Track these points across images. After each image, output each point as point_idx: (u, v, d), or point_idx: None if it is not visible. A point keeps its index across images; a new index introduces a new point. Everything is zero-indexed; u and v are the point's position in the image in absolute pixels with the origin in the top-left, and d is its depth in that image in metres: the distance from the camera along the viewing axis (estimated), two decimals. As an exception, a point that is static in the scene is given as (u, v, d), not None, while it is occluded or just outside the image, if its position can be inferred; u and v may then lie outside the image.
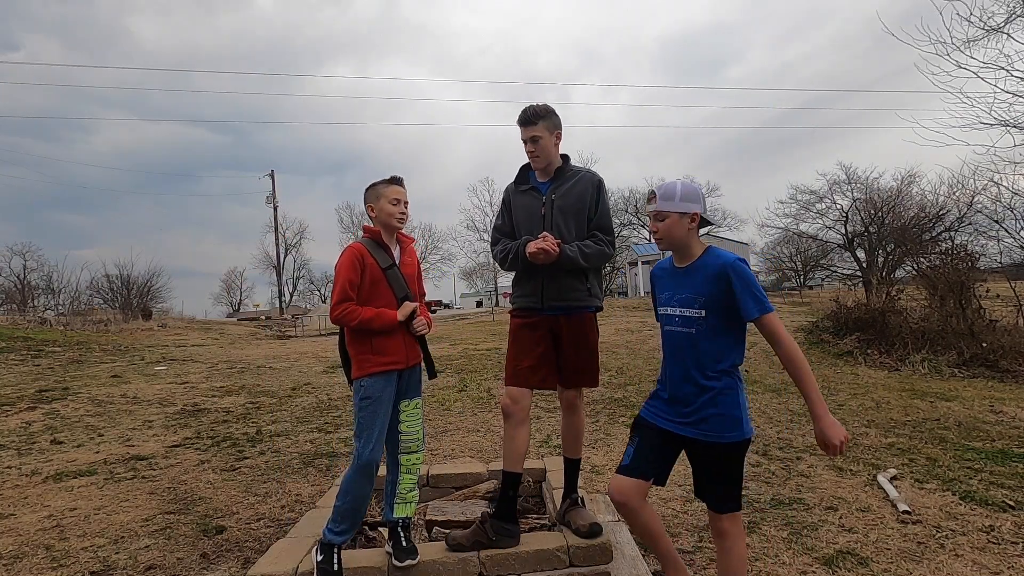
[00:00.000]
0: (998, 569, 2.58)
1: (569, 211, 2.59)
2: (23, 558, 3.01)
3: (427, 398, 6.92)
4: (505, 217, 2.76)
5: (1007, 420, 5.18)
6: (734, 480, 1.96)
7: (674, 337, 2.02)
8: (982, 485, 3.60)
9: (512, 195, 2.75)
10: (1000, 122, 8.42)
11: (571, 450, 2.67)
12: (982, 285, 9.05)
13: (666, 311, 2.05)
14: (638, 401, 6.33)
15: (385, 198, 2.48)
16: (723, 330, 1.93)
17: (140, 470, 4.56)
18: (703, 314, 1.93)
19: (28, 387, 8.01)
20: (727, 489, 1.96)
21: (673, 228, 1.98)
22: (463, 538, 2.33)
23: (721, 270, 1.90)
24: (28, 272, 32.30)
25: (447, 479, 3.31)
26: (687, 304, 1.97)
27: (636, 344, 10.91)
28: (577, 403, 2.62)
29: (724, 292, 1.89)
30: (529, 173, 2.75)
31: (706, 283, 1.93)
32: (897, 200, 22.28)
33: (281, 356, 12.17)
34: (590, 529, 2.37)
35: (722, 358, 1.92)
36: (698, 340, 1.94)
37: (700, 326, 1.94)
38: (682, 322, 1.98)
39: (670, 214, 1.97)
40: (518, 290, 2.68)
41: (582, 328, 2.58)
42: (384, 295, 2.43)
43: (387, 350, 2.41)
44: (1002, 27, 8.03)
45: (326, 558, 2.20)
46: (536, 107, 2.61)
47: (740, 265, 1.91)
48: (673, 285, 2.05)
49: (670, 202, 1.97)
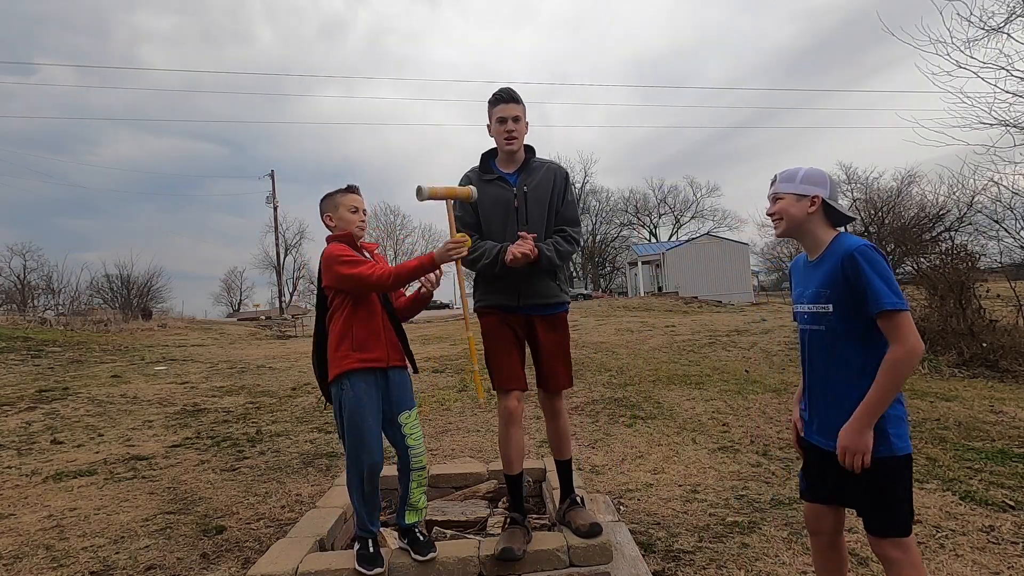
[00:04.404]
0: (998, 569, 2.58)
1: (542, 202, 2.53)
2: (23, 558, 3.01)
3: (427, 398, 6.92)
4: (470, 208, 2.54)
5: (1007, 420, 5.18)
6: (893, 500, 1.67)
7: (805, 337, 1.86)
8: (982, 485, 3.60)
9: (477, 184, 2.54)
10: (1000, 122, 8.42)
11: (562, 452, 2.63)
12: (982, 285, 9.05)
13: (797, 309, 1.91)
14: (638, 401, 6.34)
15: (344, 206, 2.44)
16: (859, 326, 1.69)
17: (140, 470, 4.56)
18: (830, 309, 1.73)
19: (28, 387, 8.01)
20: (882, 511, 1.69)
21: (789, 209, 1.81)
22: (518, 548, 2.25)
23: (846, 256, 1.68)
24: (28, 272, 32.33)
25: (447, 479, 3.31)
26: (815, 299, 1.79)
27: (636, 344, 10.91)
28: (561, 407, 2.58)
29: (851, 281, 1.67)
30: (491, 163, 2.61)
31: (832, 273, 1.72)
32: (897, 200, 22.34)
33: (281, 356, 12.16)
34: (590, 529, 2.36)
35: (858, 358, 1.70)
36: (829, 338, 1.75)
37: (829, 322, 1.74)
38: (811, 319, 1.81)
39: (786, 195, 1.82)
40: (488, 287, 2.55)
41: (559, 326, 2.55)
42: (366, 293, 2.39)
43: (368, 346, 2.35)
44: (1002, 27, 8.02)
45: (362, 546, 2.30)
46: (513, 89, 2.51)
47: (869, 251, 1.67)
48: (804, 280, 1.89)
49: (789, 183, 1.83)
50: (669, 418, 5.64)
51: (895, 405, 1.68)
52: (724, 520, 3.19)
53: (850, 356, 1.71)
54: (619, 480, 3.96)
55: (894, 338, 1.62)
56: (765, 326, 12.72)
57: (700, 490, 3.68)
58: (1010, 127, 8.43)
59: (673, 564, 2.72)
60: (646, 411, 5.93)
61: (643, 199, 55.23)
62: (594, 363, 8.83)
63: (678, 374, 7.92)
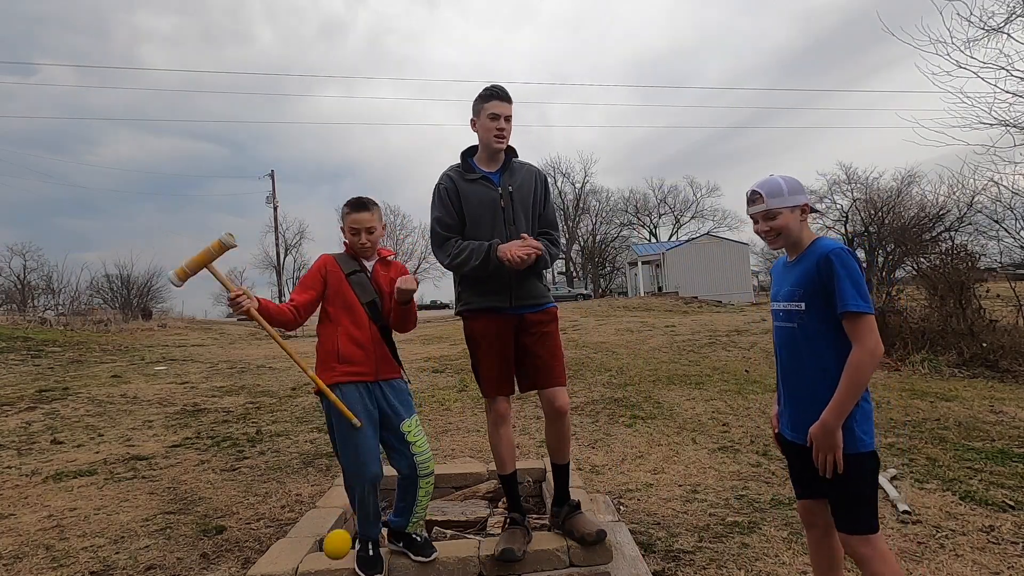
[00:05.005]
0: (998, 569, 2.58)
1: (526, 203, 2.52)
2: (23, 558, 3.01)
3: (427, 398, 6.92)
4: (452, 209, 2.48)
5: (1007, 420, 5.18)
6: (860, 498, 1.74)
7: (778, 333, 1.94)
8: (982, 485, 3.60)
9: (459, 184, 2.48)
10: (1000, 122, 8.42)
11: (560, 455, 2.54)
12: (982, 285, 9.05)
13: (773, 307, 1.98)
14: (638, 401, 6.34)
15: (346, 228, 2.40)
16: (828, 326, 1.76)
17: (140, 470, 4.56)
18: (803, 307, 1.80)
19: (28, 387, 8.01)
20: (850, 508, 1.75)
21: (790, 224, 1.84)
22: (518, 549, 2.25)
23: (823, 257, 1.75)
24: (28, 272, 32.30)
25: (447, 479, 3.31)
26: (789, 297, 1.86)
27: (636, 344, 10.91)
28: (566, 406, 2.47)
29: (824, 281, 1.74)
30: (471, 160, 2.57)
31: (807, 272, 1.80)
32: (897, 200, 22.34)
33: (281, 356, 12.15)
34: (597, 536, 2.29)
35: (828, 357, 1.75)
36: (800, 336, 1.82)
37: (801, 320, 1.81)
38: (785, 317, 1.88)
39: (782, 210, 1.84)
40: (477, 289, 2.48)
41: (551, 323, 2.54)
42: (347, 299, 2.34)
43: (355, 358, 2.30)
44: (1002, 27, 8.03)
45: (362, 547, 2.29)
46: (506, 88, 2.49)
47: (845, 254, 1.75)
48: (781, 279, 1.96)
49: (779, 198, 1.84)
50: (669, 418, 5.64)
51: (862, 403, 1.74)
52: (724, 520, 3.19)
53: (821, 353, 1.78)
54: (619, 480, 3.96)
55: (855, 339, 1.70)
56: (765, 326, 12.71)
57: (700, 490, 3.68)
58: (1010, 127, 8.44)
59: (673, 564, 2.72)
60: (646, 411, 5.93)
61: (643, 199, 55.25)
62: (594, 363, 8.83)
63: (678, 374, 7.92)
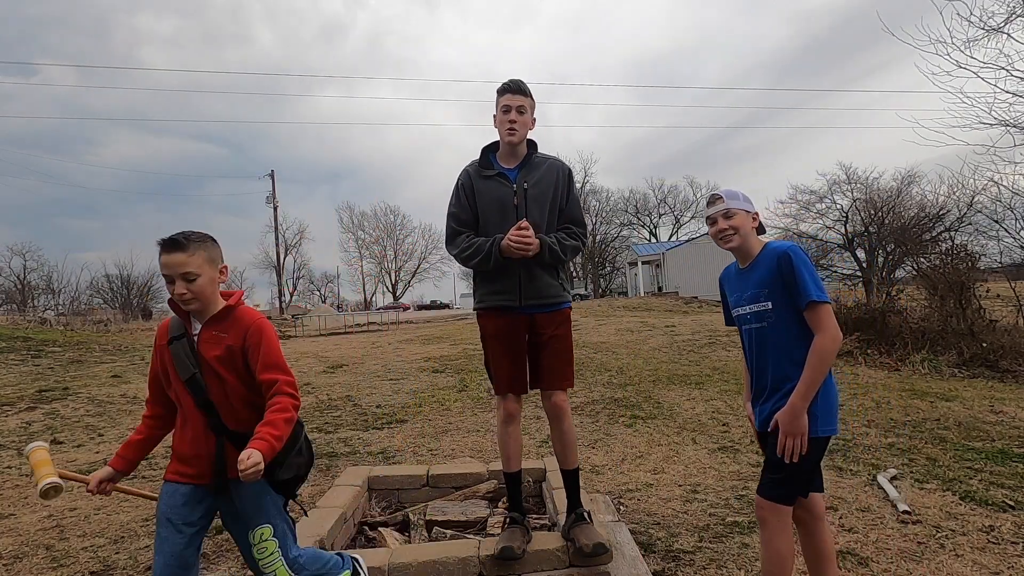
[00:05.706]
0: (998, 569, 2.58)
1: (543, 200, 2.45)
2: (23, 558, 3.02)
3: (427, 398, 6.91)
4: (467, 204, 2.46)
5: (1007, 420, 5.18)
6: (793, 470, 1.86)
7: (749, 336, 2.03)
8: (982, 485, 3.60)
9: (475, 180, 2.46)
10: (1000, 122, 8.43)
11: (568, 461, 2.49)
12: (982, 285, 9.05)
13: (738, 312, 2.09)
14: (638, 401, 6.34)
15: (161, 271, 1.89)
16: (794, 320, 1.90)
17: (140, 470, 4.55)
18: (770, 306, 1.94)
19: (28, 387, 8.01)
20: (776, 476, 1.90)
21: (745, 224, 2.01)
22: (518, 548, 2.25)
23: (781, 256, 1.91)
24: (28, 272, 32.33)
25: (447, 479, 3.31)
26: (754, 300, 1.99)
27: (636, 344, 10.91)
28: (566, 407, 2.46)
29: (785, 278, 1.89)
30: (491, 157, 2.53)
31: (768, 273, 1.94)
32: (897, 200, 22.28)
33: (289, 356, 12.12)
34: (594, 549, 2.24)
35: (797, 349, 1.88)
36: (770, 333, 1.95)
37: (770, 318, 1.94)
38: (754, 318, 2.00)
39: (739, 211, 2.01)
40: (488, 287, 2.46)
41: (561, 325, 2.49)
42: (170, 376, 1.90)
43: (183, 454, 1.89)
44: (1002, 27, 8.03)
45: None
46: (523, 82, 2.43)
47: (799, 251, 1.92)
48: (739, 286, 2.07)
49: (736, 201, 2.02)
50: (669, 418, 5.64)
51: (828, 389, 1.88)
52: (724, 520, 3.19)
53: (791, 347, 1.90)
54: (619, 480, 3.96)
55: (817, 327, 1.84)
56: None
57: (700, 490, 3.68)
58: (1010, 127, 8.44)
59: (673, 564, 2.72)
60: (646, 411, 5.93)
61: (643, 199, 55.31)
62: (594, 363, 8.83)
63: (678, 374, 7.92)
